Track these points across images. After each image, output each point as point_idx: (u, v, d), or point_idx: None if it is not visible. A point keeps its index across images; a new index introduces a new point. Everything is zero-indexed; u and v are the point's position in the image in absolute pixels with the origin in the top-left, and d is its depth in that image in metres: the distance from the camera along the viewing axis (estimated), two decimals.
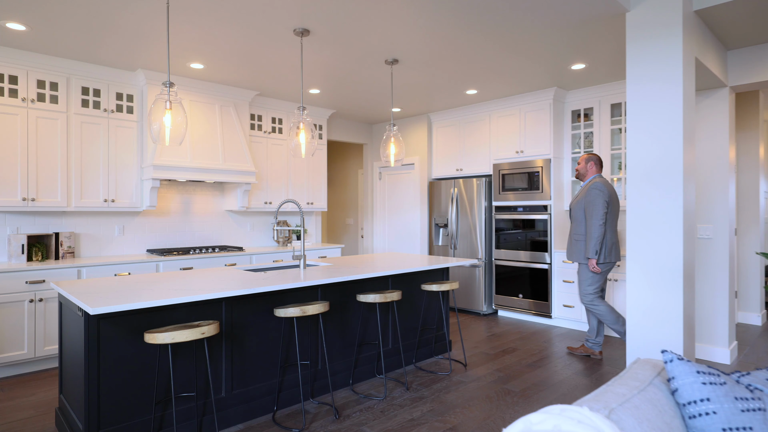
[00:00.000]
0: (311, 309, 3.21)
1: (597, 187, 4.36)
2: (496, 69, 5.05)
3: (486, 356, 4.70)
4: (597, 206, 4.30)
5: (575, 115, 6.08)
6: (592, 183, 4.45)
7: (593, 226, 4.32)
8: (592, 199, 4.36)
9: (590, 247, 4.34)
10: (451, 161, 7.07)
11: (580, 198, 4.54)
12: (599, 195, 4.32)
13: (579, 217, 4.54)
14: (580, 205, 4.53)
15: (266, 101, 6.20)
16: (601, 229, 4.29)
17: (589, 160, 4.59)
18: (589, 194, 4.41)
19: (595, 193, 4.35)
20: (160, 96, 3.16)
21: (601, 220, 4.29)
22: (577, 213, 4.56)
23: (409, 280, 4.50)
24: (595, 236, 4.30)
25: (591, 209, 4.36)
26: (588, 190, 4.43)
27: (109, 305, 2.39)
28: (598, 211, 4.29)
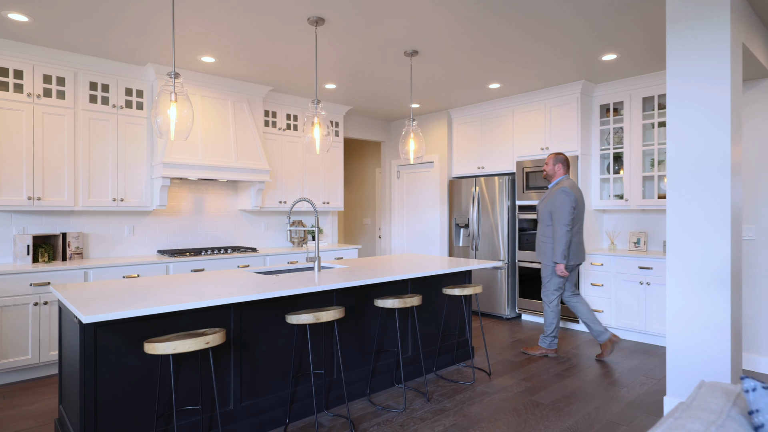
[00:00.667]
0: (325, 315, 2.98)
1: (564, 191, 4.31)
2: (521, 61, 4.77)
3: (511, 364, 4.43)
4: (563, 211, 4.26)
5: (604, 109, 5.77)
6: (559, 186, 4.38)
7: (560, 231, 4.28)
8: (558, 204, 4.31)
9: (557, 252, 4.30)
10: (472, 159, 6.79)
11: (547, 199, 4.49)
12: (566, 200, 4.27)
13: (545, 218, 4.50)
14: (547, 207, 4.47)
15: (280, 97, 6.00)
16: (568, 235, 4.28)
17: (557, 161, 4.52)
18: (556, 198, 4.34)
19: (562, 197, 4.29)
20: (165, 87, 2.96)
21: (567, 226, 4.26)
22: (543, 214, 4.51)
23: (430, 283, 4.24)
24: (562, 242, 4.27)
25: (558, 214, 4.31)
26: (555, 193, 4.37)
27: (105, 312, 2.18)
28: (565, 217, 4.26)
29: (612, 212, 5.85)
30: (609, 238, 5.81)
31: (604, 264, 5.35)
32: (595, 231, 5.77)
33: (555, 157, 4.55)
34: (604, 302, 5.36)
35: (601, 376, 4.10)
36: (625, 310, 5.19)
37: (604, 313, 5.35)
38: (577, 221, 4.41)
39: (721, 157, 3.06)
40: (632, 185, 5.38)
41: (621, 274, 5.21)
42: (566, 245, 4.29)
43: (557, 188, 4.39)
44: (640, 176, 5.32)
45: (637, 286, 5.09)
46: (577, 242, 4.43)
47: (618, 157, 5.63)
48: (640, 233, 5.46)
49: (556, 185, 4.45)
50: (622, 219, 5.75)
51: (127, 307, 2.31)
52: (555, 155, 4.56)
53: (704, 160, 3.12)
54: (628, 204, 5.40)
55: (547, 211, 4.47)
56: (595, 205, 5.72)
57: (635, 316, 5.12)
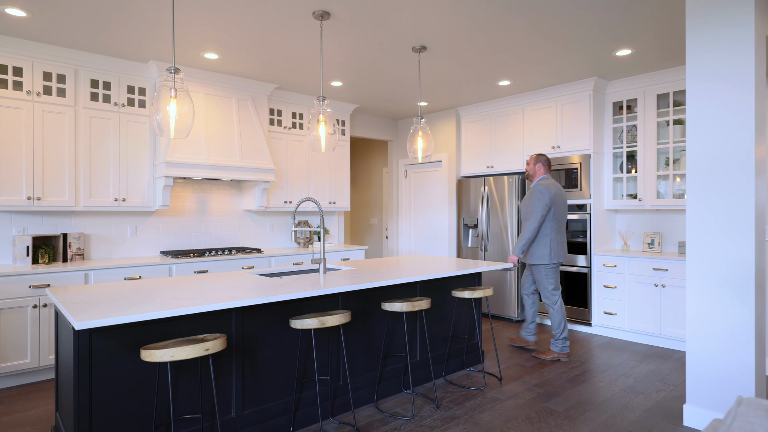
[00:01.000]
0: (331, 320, 2.86)
1: (539, 190, 4.41)
2: (532, 57, 4.64)
3: (522, 369, 4.29)
4: (537, 209, 4.37)
5: (617, 107, 5.62)
6: (537, 185, 4.48)
7: (528, 227, 4.40)
8: (533, 201, 4.42)
9: (519, 245, 4.43)
10: (481, 158, 6.66)
11: (526, 199, 4.59)
12: (540, 198, 4.38)
13: (527, 217, 4.56)
14: (525, 206, 4.57)
15: (286, 95, 5.90)
16: (535, 232, 4.40)
17: (538, 161, 4.59)
18: (532, 196, 4.46)
19: (537, 195, 4.40)
20: (165, 83, 2.85)
21: (536, 223, 4.37)
22: (524, 213, 4.61)
23: (438, 285, 4.12)
24: (526, 236, 4.39)
25: (530, 212, 4.43)
26: (532, 192, 4.48)
27: (99, 318, 2.08)
28: (536, 215, 4.37)
29: (625, 212, 5.70)
30: (622, 238, 5.66)
31: (617, 265, 5.20)
32: (607, 232, 5.62)
33: (536, 158, 4.61)
34: (618, 305, 5.21)
35: (616, 381, 3.96)
36: (639, 313, 5.05)
37: (617, 316, 5.21)
38: (557, 220, 4.47)
39: (745, 155, 2.92)
40: (646, 185, 5.23)
41: (635, 276, 5.06)
42: (529, 241, 4.42)
43: (534, 188, 4.50)
44: (654, 175, 5.17)
45: (652, 288, 4.94)
46: (559, 241, 4.49)
47: (631, 156, 5.48)
48: (654, 234, 5.31)
49: (536, 184, 4.53)
50: (636, 219, 5.60)
51: (123, 312, 2.20)
52: (536, 156, 4.61)
53: (727, 158, 2.98)
54: (642, 204, 5.25)
55: (526, 210, 4.56)
56: (607, 205, 5.57)
57: (650, 319, 4.97)
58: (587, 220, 5.44)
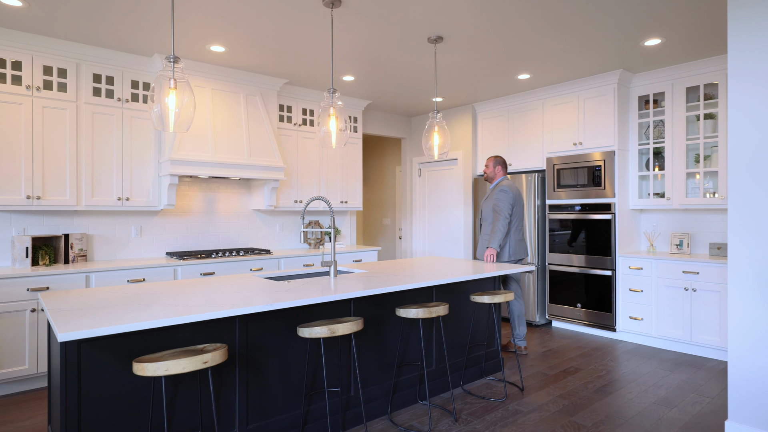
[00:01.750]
0: (341, 328, 2.64)
1: (503, 189, 4.60)
2: (554, 48, 4.38)
3: (545, 378, 4.05)
4: (504, 207, 4.54)
5: (642, 101, 5.34)
6: (499, 185, 4.66)
7: (500, 223, 4.54)
8: (499, 200, 4.58)
9: (494, 239, 4.54)
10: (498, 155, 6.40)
11: (489, 199, 4.74)
12: (505, 197, 4.56)
13: (489, 217, 4.72)
14: (489, 206, 4.73)
15: (296, 90, 5.70)
16: (506, 228, 4.55)
17: (497, 163, 4.79)
18: (496, 195, 4.61)
19: (501, 195, 4.58)
20: (163, 73, 2.65)
21: (506, 219, 4.53)
22: (487, 214, 4.75)
23: (455, 289, 3.89)
24: (501, 232, 4.53)
25: (498, 210, 4.57)
26: (496, 192, 4.64)
27: (85, 329, 1.88)
28: (504, 212, 4.54)
29: (650, 212, 5.41)
30: (648, 239, 5.38)
31: (644, 268, 4.93)
32: (632, 232, 5.34)
33: (495, 160, 4.80)
34: (644, 309, 4.93)
35: (647, 392, 3.69)
36: (667, 319, 4.77)
37: (643, 321, 4.93)
38: (516, 218, 4.65)
39: None
40: (675, 183, 4.95)
41: (663, 279, 4.79)
42: (503, 236, 4.55)
43: (497, 187, 4.65)
44: (683, 173, 4.88)
45: (681, 292, 4.66)
46: (517, 239, 4.67)
47: (658, 153, 5.20)
48: (682, 235, 5.03)
49: (497, 185, 4.69)
50: (663, 219, 5.31)
51: (114, 322, 2.00)
52: (494, 158, 4.80)
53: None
54: (670, 203, 4.97)
55: (489, 210, 4.71)
56: (632, 205, 5.29)
57: (679, 325, 4.69)
58: (611, 220, 5.16)
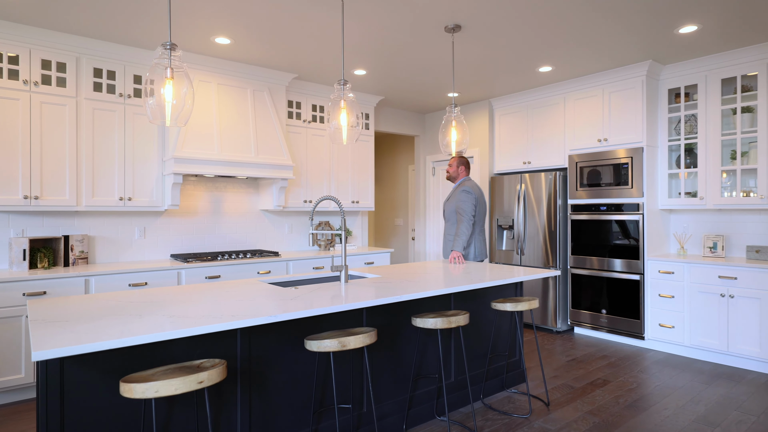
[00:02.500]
0: (353, 341, 2.40)
1: (466, 189, 4.50)
2: (579, 38, 4.10)
3: (571, 391, 3.77)
4: (467, 209, 4.45)
5: (672, 94, 5.03)
6: (462, 185, 4.56)
7: (464, 225, 4.44)
8: (462, 201, 4.49)
9: (459, 242, 4.43)
10: (516, 153, 6.13)
11: (452, 199, 4.65)
12: (468, 198, 4.47)
13: (453, 218, 4.62)
14: (452, 206, 4.61)
15: (305, 86, 5.47)
16: (471, 229, 4.47)
17: (460, 163, 4.68)
18: (459, 196, 4.52)
19: (464, 196, 4.48)
20: (159, 62, 2.43)
21: (470, 221, 4.44)
22: (450, 214, 4.66)
23: (475, 295, 3.63)
24: (465, 234, 4.43)
25: (461, 211, 4.47)
26: (459, 192, 4.54)
27: (63, 346, 1.66)
28: (468, 213, 4.44)
29: (681, 212, 5.10)
30: (678, 242, 5.07)
31: (675, 272, 4.62)
32: (661, 234, 5.04)
33: (458, 160, 4.67)
34: (676, 317, 4.63)
35: (684, 409, 3.40)
36: (701, 327, 4.46)
37: (674, 329, 4.63)
38: (479, 220, 4.58)
39: None
40: (708, 181, 4.64)
41: (696, 285, 4.48)
42: (467, 238, 4.45)
43: (461, 188, 4.54)
44: (718, 170, 4.58)
45: (717, 298, 4.35)
46: (481, 240, 4.61)
47: (690, 149, 4.89)
48: (716, 237, 4.72)
49: (459, 185, 4.58)
50: (694, 220, 5.00)
51: (99, 336, 1.78)
52: (458, 158, 4.67)
53: None
54: (703, 203, 4.66)
55: (452, 210, 4.60)
56: (662, 204, 4.99)
57: (714, 334, 4.38)
58: (639, 221, 4.86)
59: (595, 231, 5.22)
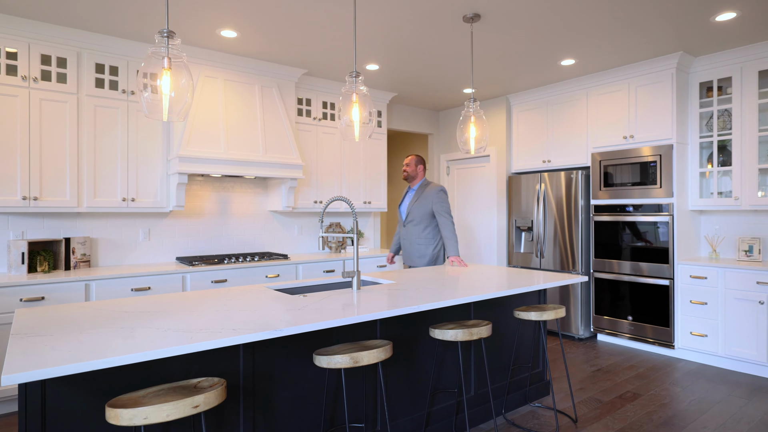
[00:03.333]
0: (367, 357, 2.18)
1: (443, 190, 4.30)
2: (606, 27, 3.85)
3: (599, 405, 3.52)
4: (448, 209, 4.24)
5: (704, 88, 4.75)
6: (431, 185, 4.33)
7: (452, 227, 4.18)
8: (441, 201, 4.25)
9: (453, 245, 4.14)
10: (535, 151, 5.87)
11: (419, 201, 4.33)
12: (446, 198, 4.28)
13: (423, 220, 4.31)
14: (422, 208, 4.29)
15: (315, 82, 5.26)
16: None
17: (419, 162, 4.45)
18: (436, 196, 4.26)
19: (443, 195, 4.27)
20: (155, 51, 2.23)
21: (452, 221, 4.22)
22: (420, 216, 4.31)
23: (496, 302, 3.39)
24: (456, 236, 4.17)
25: (442, 212, 4.22)
26: (434, 193, 4.27)
27: (36, 367, 1.46)
28: (449, 213, 4.22)
29: (712, 213, 4.82)
30: (709, 244, 4.79)
31: (708, 277, 4.34)
32: (691, 236, 4.75)
33: (417, 159, 4.44)
34: (709, 325, 4.35)
35: (725, 427, 3.14)
36: (737, 336, 4.18)
37: (708, 338, 4.35)
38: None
39: None
40: (744, 180, 4.35)
41: (732, 291, 4.20)
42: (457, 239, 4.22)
43: (431, 188, 4.30)
44: (755, 169, 4.29)
45: (755, 306, 4.07)
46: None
47: (723, 147, 4.60)
48: (752, 239, 4.43)
49: (424, 186, 4.36)
50: (727, 222, 4.71)
51: (81, 356, 1.58)
52: (416, 157, 4.44)
53: None
54: (738, 204, 4.38)
55: (424, 212, 4.29)
56: (692, 205, 4.71)
57: (752, 344, 4.10)
58: (669, 222, 4.59)
59: (619, 233, 4.95)
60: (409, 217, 4.36)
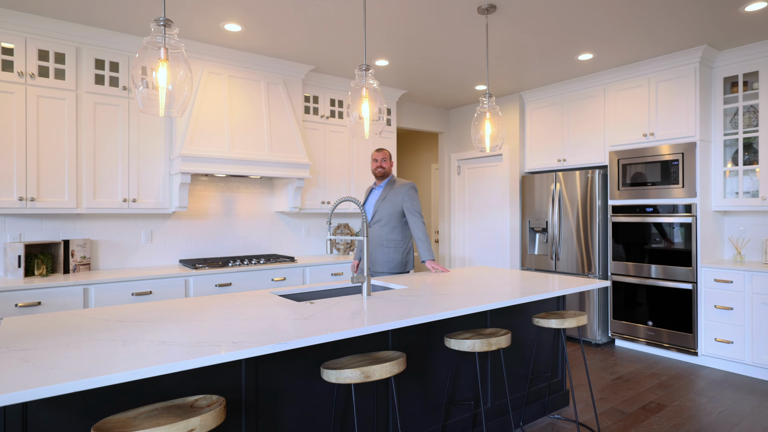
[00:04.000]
0: (378, 371, 2.01)
1: (414, 187, 3.90)
2: (627, 18, 3.66)
3: (622, 417, 3.33)
4: (419, 208, 3.86)
5: (728, 83, 4.54)
6: (399, 181, 3.93)
7: (423, 227, 3.79)
8: (413, 200, 3.84)
9: (427, 247, 3.75)
10: (550, 150, 5.68)
11: (387, 198, 3.87)
12: (416, 195, 3.90)
13: (391, 220, 3.85)
14: (391, 206, 3.83)
15: (323, 79, 5.10)
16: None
17: (389, 157, 3.98)
18: (408, 194, 3.84)
19: (414, 193, 3.88)
20: (151, 41, 2.08)
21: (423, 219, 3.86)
22: (386, 215, 3.85)
23: (513, 309, 3.22)
24: (426, 236, 3.79)
25: (414, 211, 3.81)
26: (405, 189, 3.84)
27: (13, 389, 1.30)
28: (420, 213, 3.84)
29: (736, 214, 4.61)
30: (734, 246, 4.58)
31: (734, 281, 4.14)
32: (715, 238, 4.55)
33: (389, 154, 3.98)
34: (735, 331, 4.14)
35: None
36: (765, 343, 3.98)
37: (733, 345, 4.15)
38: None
39: None
40: None
41: (759, 296, 4.00)
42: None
43: (401, 185, 3.88)
44: None
45: None
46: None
47: (749, 144, 4.39)
48: None
49: (392, 182, 3.92)
50: (753, 222, 4.50)
51: (63, 375, 1.43)
52: (388, 151, 3.97)
53: None
54: (765, 204, 4.17)
55: (394, 210, 3.84)
56: (716, 206, 4.50)
57: None
58: (691, 224, 4.39)
59: (639, 235, 4.75)
60: (376, 216, 3.87)
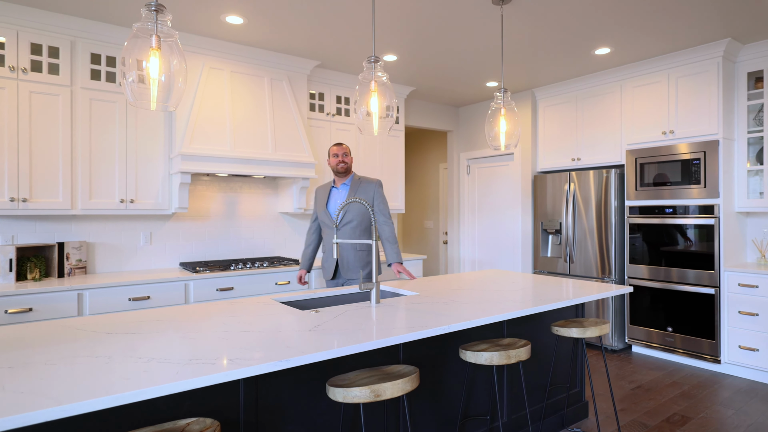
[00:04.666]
0: (389, 389, 1.83)
1: (380, 184, 3.60)
2: (649, 10, 3.46)
3: (644, 430, 3.14)
4: (387, 204, 3.59)
5: (753, 78, 4.33)
6: (365, 178, 3.60)
7: (393, 226, 3.53)
8: (383, 197, 3.58)
9: (397, 251, 3.45)
10: (564, 149, 5.48)
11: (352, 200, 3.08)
12: (384, 196, 3.60)
13: (363, 221, 3.52)
14: (362, 206, 3.50)
15: (329, 75, 4.93)
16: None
17: (350, 152, 3.62)
18: (378, 191, 3.57)
19: (382, 190, 3.60)
20: (142, 28, 1.91)
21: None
22: (358, 216, 3.50)
23: (531, 316, 3.03)
24: (396, 238, 3.51)
25: (385, 211, 3.54)
26: (374, 187, 3.56)
27: None
28: (389, 212, 3.57)
29: (760, 215, 4.40)
30: (758, 249, 4.37)
31: (759, 286, 3.94)
32: (738, 240, 4.34)
33: (348, 148, 3.62)
34: (760, 338, 3.94)
35: None
36: None
37: (759, 353, 3.95)
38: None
39: None
40: None
41: None
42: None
43: (369, 182, 3.57)
44: None
45: None
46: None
47: None
48: None
49: (358, 180, 3.59)
50: None
51: (36, 401, 1.26)
52: (347, 146, 3.59)
53: None
54: None
55: (365, 211, 3.52)
56: (739, 206, 4.30)
57: None
58: (714, 225, 4.19)
59: (658, 237, 4.55)
60: (346, 218, 3.51)
